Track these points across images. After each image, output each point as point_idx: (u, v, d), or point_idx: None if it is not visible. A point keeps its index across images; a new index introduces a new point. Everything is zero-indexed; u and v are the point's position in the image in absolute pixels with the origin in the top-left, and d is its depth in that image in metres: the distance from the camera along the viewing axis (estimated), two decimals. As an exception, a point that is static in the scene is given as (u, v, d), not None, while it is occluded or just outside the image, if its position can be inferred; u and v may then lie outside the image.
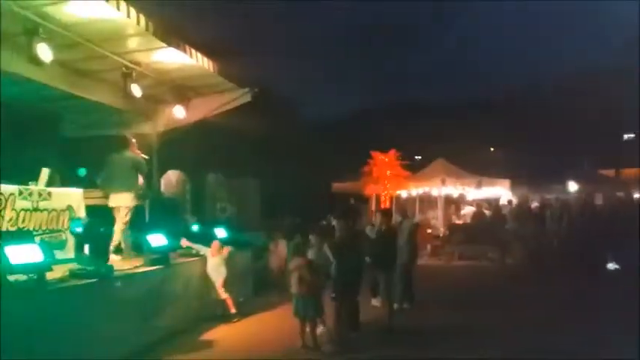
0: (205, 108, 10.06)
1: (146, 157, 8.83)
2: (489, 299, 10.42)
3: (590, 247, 12.05)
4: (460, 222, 18.32)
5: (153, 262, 7.60)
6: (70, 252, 7.63)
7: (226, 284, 8.74)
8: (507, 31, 70.51)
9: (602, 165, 27.68)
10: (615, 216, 12.54)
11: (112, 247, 7.87)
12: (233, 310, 8.76)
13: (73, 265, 6.54)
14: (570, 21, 67.15)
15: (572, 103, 37.90)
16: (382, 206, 18.23)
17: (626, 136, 36.57)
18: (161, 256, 7.74)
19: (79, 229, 7.52)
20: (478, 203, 18.52)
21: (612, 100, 35.38)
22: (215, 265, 8.74)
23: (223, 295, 8.74)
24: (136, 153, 8.47)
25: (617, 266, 12.55)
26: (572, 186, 21.06)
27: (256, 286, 10.66)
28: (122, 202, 8.16)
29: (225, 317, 8.69)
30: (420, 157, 25.68)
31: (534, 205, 18.03)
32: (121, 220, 8.12)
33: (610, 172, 26.65)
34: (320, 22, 71.23)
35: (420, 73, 64.95)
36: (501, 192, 19.84)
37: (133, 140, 8.59)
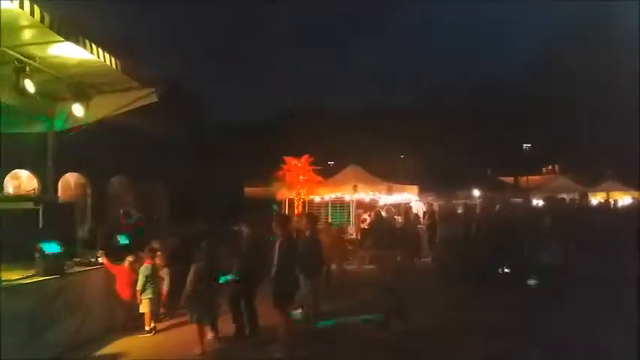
0: (108, 107, 9.48)
1: None
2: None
3: (487, 251, 12.62)
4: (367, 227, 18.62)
5: (46, 272, 7.05)
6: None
7: (153, 296, 8.37)
8: (417, 40, 73.32)
9: (503, 172, 29.36)
10: (511, 221, 13.19)
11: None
12: (149, 326, 8.37)
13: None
14: (477, 31, 70.93)
15: (478, 113, 39.97)
16: (296, 211, 18.26)
17: (525, 146, 38.93)
18: (55, 265, 7.19)
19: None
20: (388, 208, 18.89)
21: (515, 110, 37.62)
22: (148, 273, 8.33)
23: (144, 308, 8.33)
24: None
25: (507, 270, 13.21)
26: (476, 192, 22.11)
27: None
28: None
29: (134, 330, 8.31)
30: (332, 163, 25.94)
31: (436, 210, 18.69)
32: None
33: (510, 179, 28.31)
34: (234, 23, 70.63)
35: (333, 78, 66.11)
36: (410, 197, 20.46)
37: None
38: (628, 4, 35.26)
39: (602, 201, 19.80)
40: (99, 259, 8.34)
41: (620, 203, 19.73)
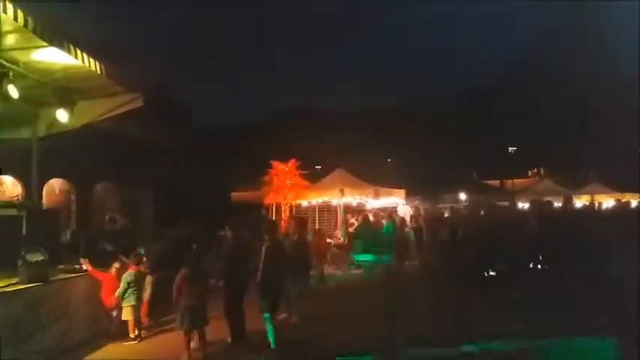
0: (93, 112, 9.42)
1: None
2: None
3: (475, 255, 12.71)
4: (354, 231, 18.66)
5: (30, 279, 6.97)
6: None
7: (136, 303, 8.30)
8: (403, 44, 73.73)
9: (488, 176, 29.59)
10: (498, 224, 13.30)
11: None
12: (134, 334, 8.30)
13: None
14: (464, 35, 71.55)
15: (463, 118, 40.28)
16: (283, 216, 18.25)
17: (510, 149, 39.27)
18: (39, 273, 7.11)
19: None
20: (375, 212, 18.99)
21: (499, 114, 37.98)
22: (130, 280, 8.26)
23: (127, 315, 8.26)
24: None
25: (493, 273, 13.32)
26: (462, 195, 22.27)
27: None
28: None
29: (119, 337, 8.25)
30: (319, 167, 25.94)
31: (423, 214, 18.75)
32: None
33: (495, 183, 28.54)
34: (218, 29, 70.49)
35: (320, 81, 66.26)
36: (397, 201, 20.52)
37: None
38: (613, 6, 35.82)
39: (587, 203, 19.97)
40: (83, 266, 8.26)
41: (604, 205, 19.92)
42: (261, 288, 7.44)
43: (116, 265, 8.47)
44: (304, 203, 20.32)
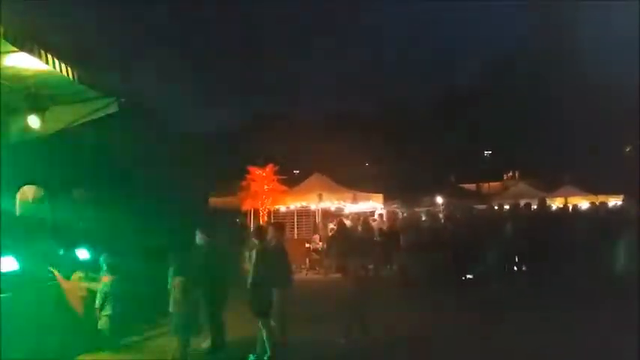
0: (65, 118, 9.27)
1: None
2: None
3: (452, 258, 12.83)
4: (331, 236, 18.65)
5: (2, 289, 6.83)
6: None
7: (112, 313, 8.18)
8: (380, 48, 74.21)
9: (464, 179, 29.92)
10: (474, 228, 13.46)
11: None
12: (111, 343, 8.19)
13: None
14: (440, 40, 72.35)
15: (439, 122, 40.65)
16: (262, 221, 18.19)
17: (486, 153, 39.73)
18: (12, 282, 6.97)
19: None
20: (353, 217, 19.05)
21: (475, 118, 38.43)
22: (107, 290, 8.18)
23: (104, 324, 8.17)
24: None
25: (470, 276, 13.45)
26: (439, 199, 22.47)
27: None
28: None
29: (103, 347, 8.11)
30: (297, 172, 25.94)
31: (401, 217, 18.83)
32: None
33: (472, 186, 28.90)
34: (194, 34, 70.14)
35: (297, 86, 66.18)
36: (375, 205, 20.61)
37: None
38: (586, 10, 36.54)
39: (562, 206, 20.28)
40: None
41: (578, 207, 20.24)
42: (252, 291, 7.38)
43: (77, 274, 8.29)
44: (282, 208, 20.31)
